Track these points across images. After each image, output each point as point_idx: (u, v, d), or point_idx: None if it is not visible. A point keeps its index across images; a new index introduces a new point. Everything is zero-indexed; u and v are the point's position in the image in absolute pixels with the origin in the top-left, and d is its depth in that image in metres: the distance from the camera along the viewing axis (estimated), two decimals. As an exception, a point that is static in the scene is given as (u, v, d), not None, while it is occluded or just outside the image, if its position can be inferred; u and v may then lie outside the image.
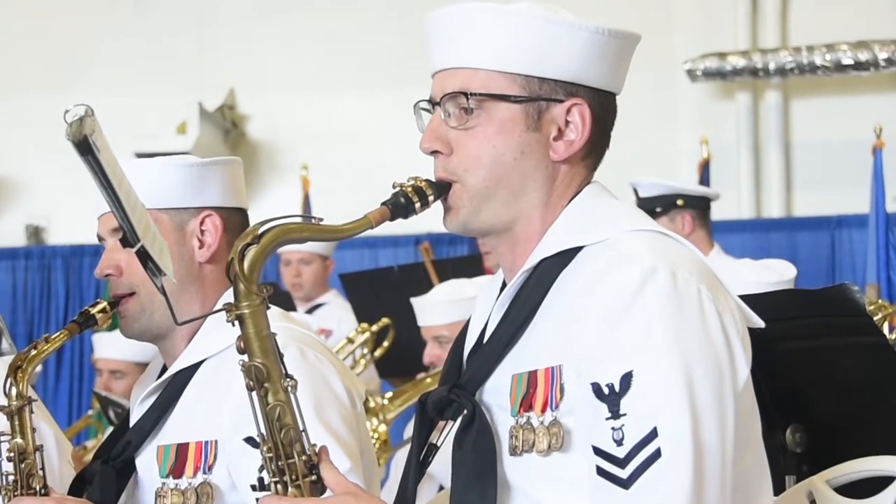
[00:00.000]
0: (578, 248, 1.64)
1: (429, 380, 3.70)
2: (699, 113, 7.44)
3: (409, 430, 3.94)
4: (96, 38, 7.96)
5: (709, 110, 7.44)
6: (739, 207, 7.30)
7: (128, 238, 1.81)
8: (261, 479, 1.59)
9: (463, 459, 1.62)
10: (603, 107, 1.69)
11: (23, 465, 2.02)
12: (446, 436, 1.69)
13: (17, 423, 2.03)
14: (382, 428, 3.64)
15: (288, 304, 4.91)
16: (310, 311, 5.44)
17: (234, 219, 2.17)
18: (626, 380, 1.52)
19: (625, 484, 1.50)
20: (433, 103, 1.69)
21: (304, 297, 5.50)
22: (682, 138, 7.34)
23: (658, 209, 4.57)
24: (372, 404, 3.71)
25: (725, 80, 7.26)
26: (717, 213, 5.36)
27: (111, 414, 4.54)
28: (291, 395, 1.58)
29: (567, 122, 1.67)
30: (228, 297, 1.59)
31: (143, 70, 7.85)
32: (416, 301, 3.88)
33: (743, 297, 1.67)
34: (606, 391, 1.53)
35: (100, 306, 2.11)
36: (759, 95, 7.42)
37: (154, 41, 7.93)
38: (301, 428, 1.58)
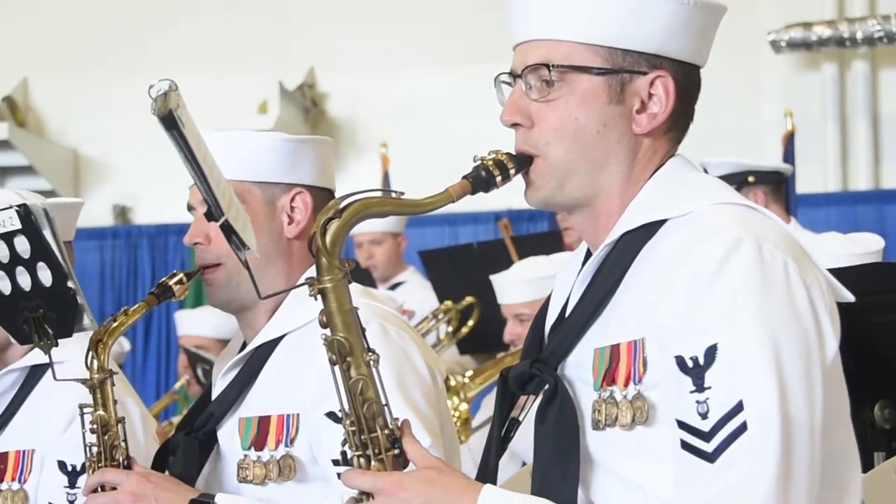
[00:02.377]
0: (661, 222, 1.62)
1: (509, 358, 3.70)
2: (784, 85, 7.30)
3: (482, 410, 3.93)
4: (178, 19, 8.05)
5: (794, 82, 7.30)
6: (826, 180, 7.17)
7: (212, 211, 1.84)
8: (343, 454, 1.60)
9: (545, 434, 1.62)
10: (687, 79, 1.67)
11: (106, 437, 2.05)
12: (528, 411, 1.69)
13: (98, 395, 2.06)
14: (464, 406, 3.65)
15: (368, 281, 4.93)
16: (390, 290, 5.44)
17: (323, 198, 2.18)
18: (711, 353, 1.50)
19: (710, 458, 1.48)
20: (514, 76, 1.68)
21: (380, 276, 5.49)
22: (766, 111, 7.21)
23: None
24: (453, 382, 3.72)
25: (811, 50, 7.11)
26: (803, 186, 5.28)
27: (199, 371, 4.61)
28: (374, 370, 1.58)
29: (650, 95, 1.65)
30: (312, 273, 1.60)
31: (224, 50, 7.93)
32: (495, 278, 3.87)
33: (829, 271, 1.63)
34: (691, 364, 1.51)
35: (176, 278, 2.13)
36: (846, 66, 7.27)
37: (234, 21, 8.01)
38: (383, 402, 1.58)
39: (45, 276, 2.08)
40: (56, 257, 2.07)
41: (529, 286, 3.69)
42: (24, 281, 2.08)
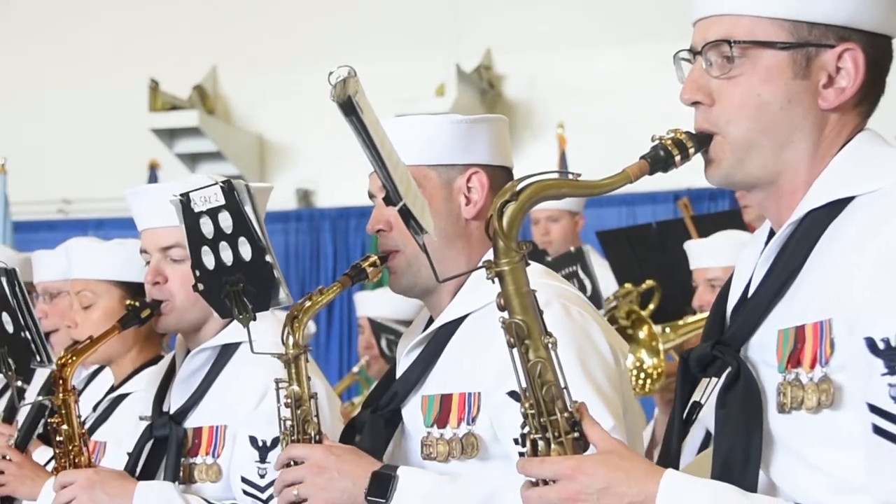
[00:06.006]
0: (849, 199, 1.57)
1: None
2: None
3: None
4: (357, 5, 8.21)
5: None
6: None
7: (390, 196, 1.86)
8: (523, 436, 1.60)
9: (727, 418, 1.58)
10: (878, 51, 1.61)
11: (299, 412, 2.08)
12: (710, 393, 1.65)
13: (293, 370, 2.10)
14: (652, 361, 3.55)
15: (544, 262, 4.92)
16: (566, 269, 5.42)
17: (500, 176, 2.18)
18: (904, 334, 1.44)
19: (904, 443, 1.43)
20: (694, 53, 1.64)
21: (556, 254, 5.48)
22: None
23: None
24: (643, 335, 3.61)
25: None
26: None
27: (383, 342, 4.68)
28: (552, 352, 1.58)
29: (838, 69, 1.59)
30: (492, 253, 1.60)
31: (402, 34, 8.04)
32: (691, 244, 3.77)
33: None
34: (882, 346, 1.45)
35: (370, 260, 2.15)
36: None
37: (412, 5, 8.10)
38: (562, 385, 1.58)
39: (245, 250, 2.14)
40: (256, 231, 2.13)
41: (728, 251, 3.56)
42: (227, 256, 2.15)
